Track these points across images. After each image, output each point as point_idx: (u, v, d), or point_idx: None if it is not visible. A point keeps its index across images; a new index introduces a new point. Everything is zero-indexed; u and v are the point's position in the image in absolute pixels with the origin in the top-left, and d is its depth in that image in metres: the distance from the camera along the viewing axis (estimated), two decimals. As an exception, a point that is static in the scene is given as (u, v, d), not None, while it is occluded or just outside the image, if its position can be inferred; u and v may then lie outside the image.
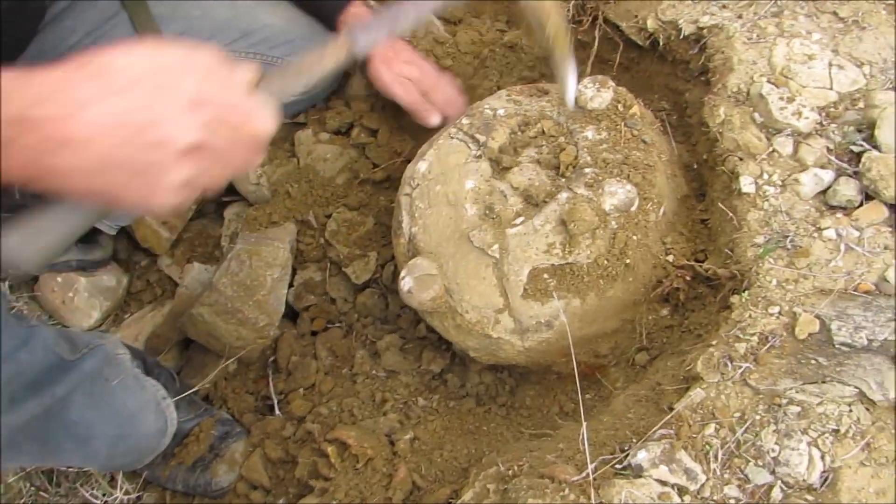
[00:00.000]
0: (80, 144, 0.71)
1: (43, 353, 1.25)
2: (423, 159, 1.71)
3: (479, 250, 1.55)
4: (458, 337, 1.64)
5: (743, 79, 1.65)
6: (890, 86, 1.60)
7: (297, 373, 1.91)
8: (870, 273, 1.36)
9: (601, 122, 1.65)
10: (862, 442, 1.19)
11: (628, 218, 1.54)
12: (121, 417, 1.49)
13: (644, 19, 1.85)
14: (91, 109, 0.70)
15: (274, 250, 1.89)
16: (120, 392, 1.47)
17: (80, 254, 2.04)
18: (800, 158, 1.53)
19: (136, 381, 1.57)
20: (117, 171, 0.74)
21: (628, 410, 1.42)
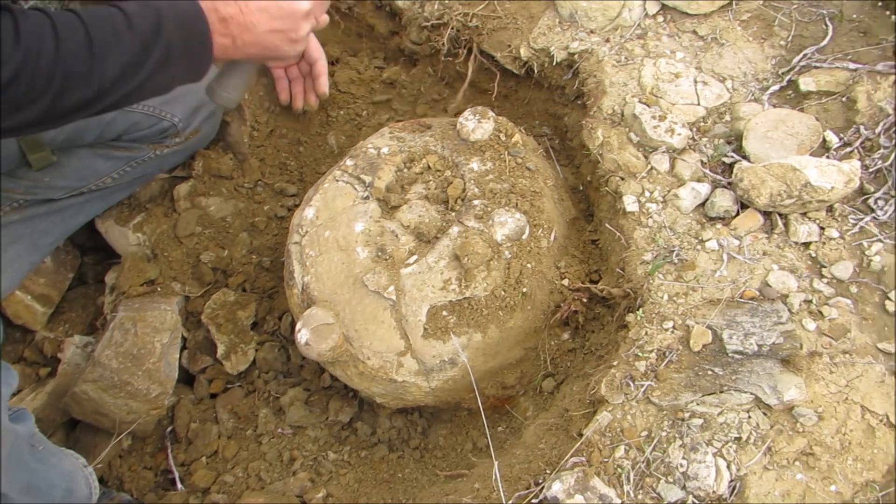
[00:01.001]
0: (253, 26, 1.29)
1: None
2: (309, 205, 1.66)
3: (374, 294, 1.52)
4: (363, 384, 1.59)
5: (616, 100, 1.70)
6: (752, 98, 1.68)
7: (197, 440, 1.80)
8: (753, 279, 1.41)
9: (485, 152, 1.66)
10: (763, 447, 1.22)
11: (521, 246, 1.54)
12: (65, 474, 1.44)
13: (517, 48, 1.88)
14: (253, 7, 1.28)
15: (161, 314, 1.79)
16: (52, 455, 1.42)
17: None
18: (677, 174, 1.58)
19: (59, 449, 1.50)
20: (275, 36, 1.34)
21: (539, 441, 1.41)
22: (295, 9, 1.36)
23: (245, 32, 1.29)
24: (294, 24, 1.37)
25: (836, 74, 1.64)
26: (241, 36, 1.28)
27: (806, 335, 1.32)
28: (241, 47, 1.30)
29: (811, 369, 1.28)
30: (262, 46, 1.33)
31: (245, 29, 1.29)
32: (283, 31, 1.35)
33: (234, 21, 1.27)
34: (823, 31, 1.72)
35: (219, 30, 1.25)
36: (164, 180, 1.97)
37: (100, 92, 1.13)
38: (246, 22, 1.28)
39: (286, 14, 1.34)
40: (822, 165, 1.43)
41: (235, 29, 1.27)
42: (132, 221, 1.92)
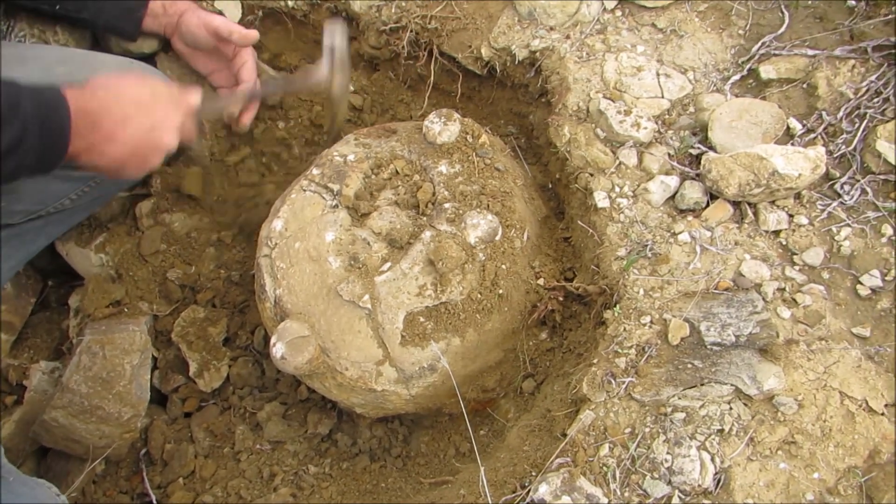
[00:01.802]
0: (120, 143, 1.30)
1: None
2: (277, 217, 1.63)
3: (349, 303, 1.50)
4: (342, 395, 1.57)
5: (581, 97, 1.70)
6: (714, 88, 1.69)
7: (173, 462, 1.76)
8: (726, 270, 1.41)
9: (453, 155, 1.64)
10: (746, 437, 1.23)
11: (494, 248, 1.53)
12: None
13: (478, 48, 1.87)
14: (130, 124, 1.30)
15: (129, 335, 1.75)
16: (23, 485, 1.37)
17: None
18: (645, 168, 1.59)
19: (30, 479, 1.43)
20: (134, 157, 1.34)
21: (524, 443, 1.40)
22: (160, 143, 1.37)
23: (108, 145, 1.29)
24: (154, 155, 1.39)
25: (796, 61, 1.66)
26: (102, 146, 1.28)
27: (781, 323, 1.33)
28: (93, 155, 1.29)
29: (789, 357, 1.29)
30: (116, 161, 1.33)
31: (109, 141, 1.28)
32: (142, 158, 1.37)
33: (103, 130, 1.27)
34: (780, 19, 1.74)
35: (84, 132, 1.25)
36: (125, 199, 1.92)
37: None
38: (114, 136, 1.28)
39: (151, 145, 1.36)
40: (788, 153, 1.44)
41: (101, 137, 1.27)
42: (94, 242, 1.87)
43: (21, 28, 1.71)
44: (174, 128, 1.39)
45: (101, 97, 1.29)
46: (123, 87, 1.34)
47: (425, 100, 2.00)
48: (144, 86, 1.37)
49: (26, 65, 1.60)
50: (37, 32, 1.72)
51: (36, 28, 1.71)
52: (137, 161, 1.37)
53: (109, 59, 1.70)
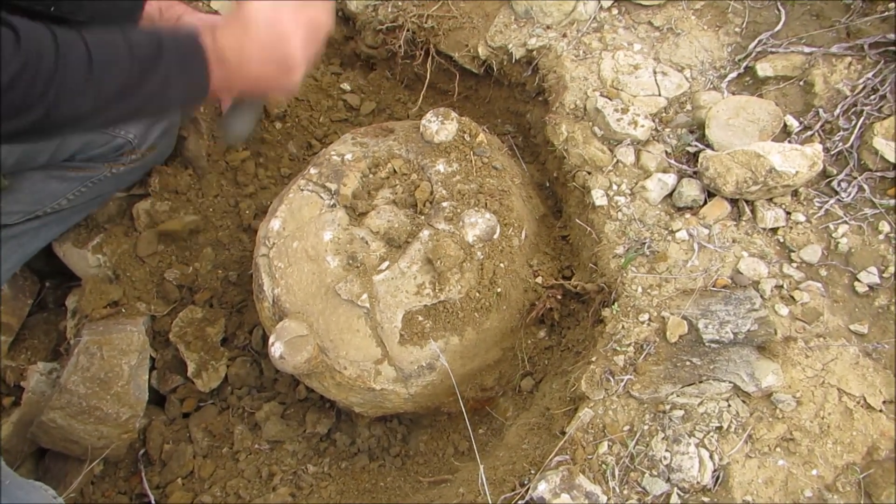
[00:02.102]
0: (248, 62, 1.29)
1: None
2: (275, 216, 1.63)
3: (348, 302, 1.50)
4: (341, 394, 1.57)
5: (578, 95, 1.70)
6: (711, 86, 1.69)
7: (172, 462, 1.76)
8: (724, 267, 1.42)
9: (450, 153, 1.64)
10: (744, 434, 1.23)
11: (492, 246, 1.53)
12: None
13: (475, 47, 1.87)
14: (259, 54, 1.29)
15: (127, 336, 1.74)
16: (20, 489, 1.36)
17: None
18: (643, 166, 1.59)
19: (27, 482, 1.43)
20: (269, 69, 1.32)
21: (522, 441, 1.41)
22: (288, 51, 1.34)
23: (241, 67, 1.31)
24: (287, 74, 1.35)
25: (792, 59, 1.66)
26: (237, 70, 1.31)
27: (779, 321, 1.34)
28: (236, 80, 1.32)
29: (787, 354, 1.29)
30: (256, 80, 1.34)
31: (240, 64, 1.31)
32: (277, 66, 1.34)
33: (231, 57, 1.29)
34: (776, 16, 1.74)
35: (216, 63, 1.28)
36: (122, 199, 1.91)
37: (95, 109, 1.17)
38: (242, 59, 1.30)
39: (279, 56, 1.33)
40: (785, 150, 1.44)
41: (232, 63, 1.30)
42: (91, 243, 1.86)
43: None
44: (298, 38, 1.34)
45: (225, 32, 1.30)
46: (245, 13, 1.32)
47: (421, 97, 2.00)
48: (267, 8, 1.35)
49: None
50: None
51: (32, 27, 1.71)
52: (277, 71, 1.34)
53: None
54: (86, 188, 1.73)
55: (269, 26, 1.32)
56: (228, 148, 1.91)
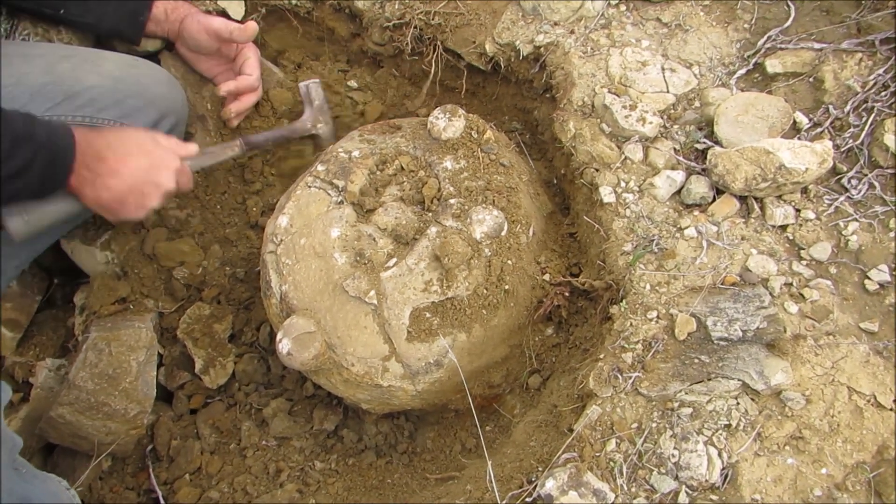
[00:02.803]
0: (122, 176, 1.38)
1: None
2: (282, 213, 1.63)
3: (355, 299, 1.50)
4: (348, 391, 1.57)
5: (586, 92, 1.69)
6: (720, 83, 1.68)
7: (179, 458, 1.77)
8: (733, 265, 1.41)
9: (458, 150, 1.64)
10: (753, 433, 1.23)
11: (500, 243, 1.53)
12: (50, 494, 1.40)
13: (482, 44, 1.86)
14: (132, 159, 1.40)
15: (135, 332, 1.75)
16: (35, 477, 1.38)
17: None
18: (651, 163, 1.58)
19: (41, 472, 1.45)
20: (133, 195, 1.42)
21: (530, 438, 1.40)
22: (159, 181, 1.47)
23: (111, 177, 1.39)
24: (153, 193, 1.48)
25: (802, 55, 1.65)
26: (105, 178, 1.39)
27: (789, 318, 1.33)
28: (97, 188, 1.39)
29: (796, 352, 1.29)
30: (117, 196, 1.42)
31: (113, 174, 1.39)
32: (141, 195, 1.45)
33: (107, 163, 1.37)
34: (786, 12, 1.73)
35: (88, 163, 1.35)
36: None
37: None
38: (117, 169, 1.39)
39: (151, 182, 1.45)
40: (795, 147, 1.43)
41: (105, 169, 1.37)
42: (99, 240, 1.87)
43: (24, 27, 1.71)
44: (172, 170, 1.49)
45: (106, 135, 1.42)
46: (127, 131, 1.48)
47: (423, 93, 1.99)
48: (146, 133, 1.50)
49: (31, 62, 1.60)
50: (41, 31, 1.72)
51: (40, 27, 1.72)
52: (137, 198, 1.45)
53: (113, 56, 1.70)
54: (94, 186, 1.74)
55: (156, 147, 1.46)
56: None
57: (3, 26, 1.70)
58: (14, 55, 1.61)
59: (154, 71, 1.73)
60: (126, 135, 1.47)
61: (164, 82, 1.72)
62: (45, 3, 1.68)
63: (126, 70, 1.69)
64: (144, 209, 1.49)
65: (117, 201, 1.44)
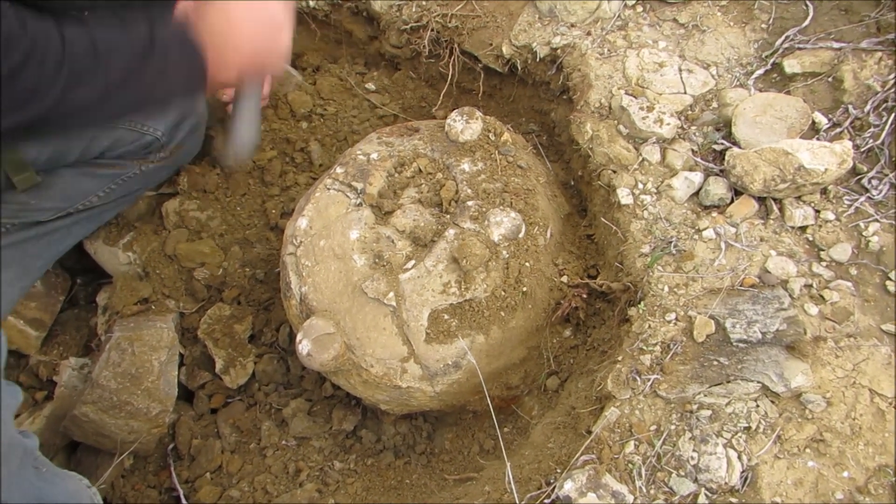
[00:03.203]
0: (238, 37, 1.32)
1: None
2: (302, 215, 1.65)
3: (374, 301, 1.51)
4: (367, 392, 1.58)
5: (603, 93, 1.70)
6: (737, 83, 1.68)
7: (200, 457, 1.79)
8: (752, 266, 1.41)
9: (475, 153, 1.65)
10: (773, 435, 1.23)
11: (518, 245, 1.53)
12: (70, 493, 1.41)
13: (499, 46, 1.87)
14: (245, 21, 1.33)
15: (157, 332, 1.77)
16: (56, 476, 1.39)
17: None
18: (669, 164, 1.58)
19: (62, 470, 1.47)
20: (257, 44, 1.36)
21: (548, 440, 1.41)
22: (275, 19, 1.39)
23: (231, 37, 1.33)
24: (276, 34, 1.40)
25: (821, 54, 1.64)
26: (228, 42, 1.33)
27: (809, 320, 1.33)
28: (229, 56, 1.33)
29: (817, 354, 1.28)
30: (248, 48, 1.36)
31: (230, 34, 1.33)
32: (264, 26, 1.38)
33: (219, 29, 1.31)
34: (804, 12, 1.72)
35: (209, 42, 1.30)
36: (152, 198, 1.94)
37: (103, 96, 1.17)
38: (231, 27, 1.33)
39: (265, 16, 1.37)
40: (814, 148, 1.43)
41: (221, 36, 1.32)
42: (121, 241, 1.89)
43: None
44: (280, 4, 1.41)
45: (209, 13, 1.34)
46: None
47: (441, 96, 2.00)
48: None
49: None
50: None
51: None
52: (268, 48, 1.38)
53: None
54: (116, 185, 1.76)
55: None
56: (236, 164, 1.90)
57: None
58: None
59: None
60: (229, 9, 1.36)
61: None
62: (70, 3, 1.70)
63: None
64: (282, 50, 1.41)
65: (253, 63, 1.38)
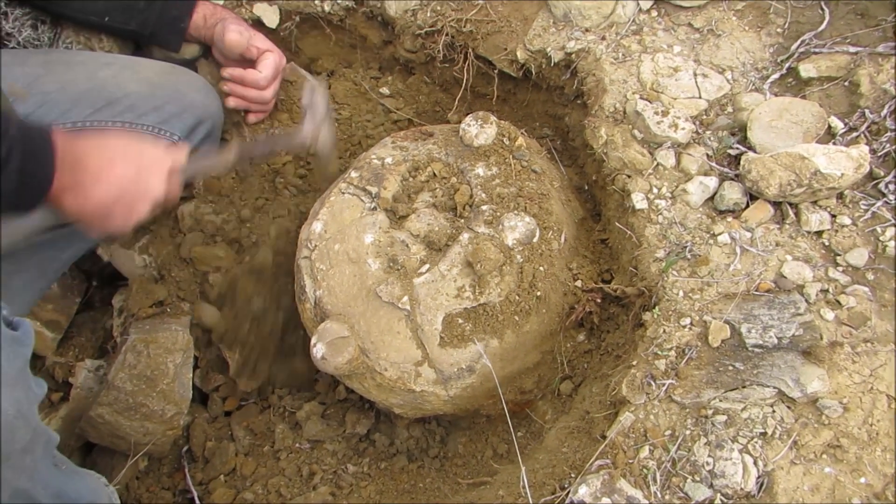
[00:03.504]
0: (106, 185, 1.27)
1: None
2: (316, 219, 1.65)
3: (388, 305, 1.51)
4: (381, 396, 1.58)
5: (617, 98, 1.70)
6: (753, 88, 1.68)
7: (215, 459, 1.80)
8: (767, 271, 1.40)
9: (490, 157, 1.65)
10: (789, 441, 1.22)
11: (532, 250, 1.53)
12: (90, 489, 1.43)
13: (514, 51, 1.87)
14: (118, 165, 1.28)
15: (172, 335, 1.78)
16: (75, 473, 1.42)
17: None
18: (683, 169, 1.58)
19: (80, 468, 1.49)
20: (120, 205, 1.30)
21: (562, 444, 1.41)
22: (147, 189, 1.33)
23: (94, 185, 1.26)
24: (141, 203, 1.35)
25: (837, 59, 1.63)
26: (88, 187, 1.26)
27: (825, 325, 1.32)
28: (81, 197, 1.27)
29: (833, 360, 1.28)
30: (102, 206, 1.29)
31: (96, 182, 1.26)
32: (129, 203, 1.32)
33: (90, 168, 1.26)
34: (820, 16, 1.72)
35: (69, 168, 1.23)
36: (168, 200, 1.95)
37: None
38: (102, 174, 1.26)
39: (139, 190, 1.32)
40: (830, 152, 1.42)
41: (88, 176, 1.25)
42: (137, 243, 1.91)
43: (67, 35, 1.76)
44: (161, 176, 1.37)
45: (88, 139, 1.30)
46: (111, 135, 1.38)
47: (455, 101, 2.01)
48: (131, 137, 1.40)
49: (73, 69, 1.64)
50: (83, 40, 1.76)
51: (82, 36, 1.76)
52: (124, 208, 1.33)
53: (152, 63, 1.74)
54: (132, 189, 1.77)
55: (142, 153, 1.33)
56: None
57: (46, 35, 1.74)
58: (57, 62, 1.65)
59: (191, 77, 1.77)
60: (110, 139, 1.35)
61: (201, 89, 1.75)
62: (91, 10, 1.72)
63: (164, 77, 1.72)
64: (133, 220, 1.36)
65: (102, 212, 1.31)
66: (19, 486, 1.17)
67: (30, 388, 1.17)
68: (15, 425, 1.10)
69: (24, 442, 1.14)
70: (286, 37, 2.08)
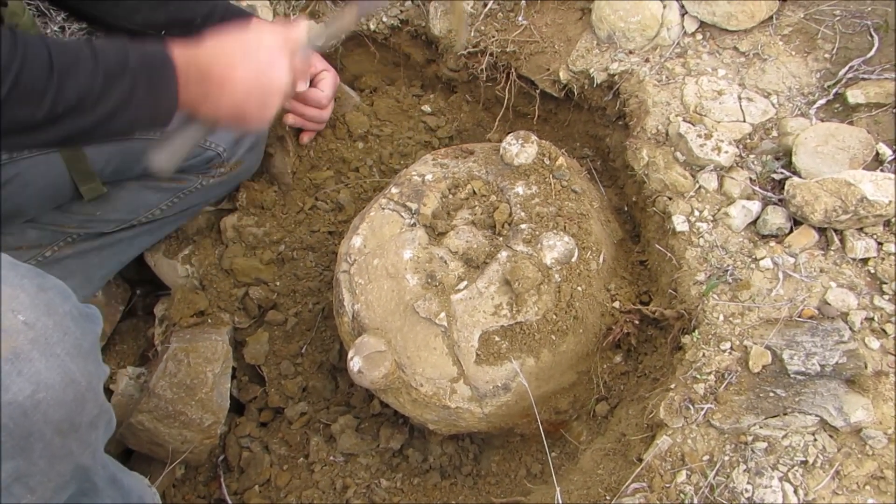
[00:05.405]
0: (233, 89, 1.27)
1: None
2: (356, 234, 1.67)
3: (426, 320, 1.52)
4: (416, 411, 1.59)
5: (660, 120, 1.69)
6: (798, 112, 1.66)
7: (250, 469, 1.81)
8: (811, 298, 1.38)
9: (530, 176, 1.66)
10: (831, 470, 1.20)
11: (570, 269, 1.53)
12: (138, 486, 1.45)
13: (556, 72, 1.88)
14: (238, 67, 1.27)
15: (212, 344, 1.81)
16: (121, 471, 1.43)
17: None
18: (726, 192, 1.57)
19: (126, 469, 1.50)
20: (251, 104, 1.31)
21: (598, 466, 1.40)
22: (273, 82, 1.33)
23: (222, 92, 1.27)
24: (271, 96, 1.35)
25: (885, 85, 1.62)
26: (216, 95, 1.27)
27: (870, 354, 1.29)
28: (212, 105, 1.29)
29: (878, 389, 1.25)
30: (234, 109, 1.31)
31: (222, 89, 1.27)
32: (259, 101, 1.33)
33: (213, 77, 1.26)
34: (869, 42, 1.70)
35: (194, 81, 1.24)
36: (211, 213, 2.00)
37: (50, 116, 1.11)
38: (225, 80, 1.27)
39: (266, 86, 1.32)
40: (878, 179, 1.40)
41: (213, 85, 1.26)
42: (180, 254, 1.95)
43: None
44: (282, 65, 1.35)
45: (207, 47, 1.29)
46: (227, 38, 1.33)
47: (496, 120, 2.02)
48: (247, 31, 1.35)
49: None
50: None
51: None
52: (254, 107, 1.33)
53: None
54: (177, 199, 1.82)
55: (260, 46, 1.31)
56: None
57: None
58: None
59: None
60: (227, 43, 1.31)
61: None
62: (151, 24, 1.73)
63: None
64: (268, 114, 1.36)
65: (236, 115, 1.33)
66: (82, 462, 1.17)
67: (100, 364, 1.19)
68: (86, 397, 1.11)
69: (92, 416, 1.15)
70: (331, 54, 2.12)
